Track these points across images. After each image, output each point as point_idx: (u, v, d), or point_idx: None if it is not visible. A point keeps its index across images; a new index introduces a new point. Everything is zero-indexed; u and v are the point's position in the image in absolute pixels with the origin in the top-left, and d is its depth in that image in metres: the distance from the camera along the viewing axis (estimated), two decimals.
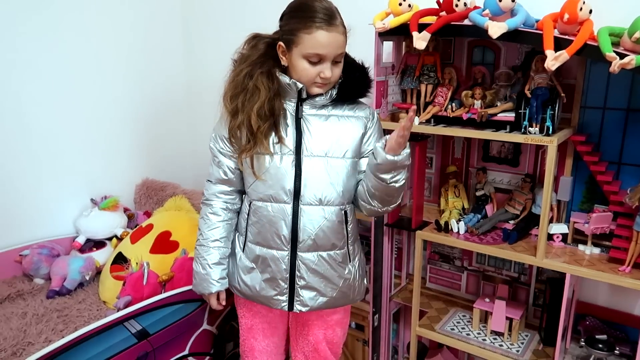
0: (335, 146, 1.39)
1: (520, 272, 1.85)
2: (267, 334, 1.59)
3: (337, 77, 1.37)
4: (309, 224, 1.39)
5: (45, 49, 2.15)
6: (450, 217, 1.76)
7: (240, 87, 1.37)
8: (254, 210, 1.44)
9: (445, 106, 1.70)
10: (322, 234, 1.40)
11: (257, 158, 1.38)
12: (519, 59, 1.70)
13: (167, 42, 2.65)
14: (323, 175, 1.38)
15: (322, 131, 1.39)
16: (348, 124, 1.42)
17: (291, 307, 1.46)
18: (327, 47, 1.29)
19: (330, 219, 1.40)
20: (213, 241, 1.50)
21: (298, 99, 1.40)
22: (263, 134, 1.36)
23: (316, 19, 1.27)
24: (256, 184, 1.42)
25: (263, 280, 1.46)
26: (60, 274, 2.04)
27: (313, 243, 1.40)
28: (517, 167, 1.78)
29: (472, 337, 1.74)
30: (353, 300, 1.53)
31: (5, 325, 1.79)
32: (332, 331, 1.59)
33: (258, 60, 1.38)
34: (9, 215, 2.14)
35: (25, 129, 2.13)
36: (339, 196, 1.40)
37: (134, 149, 2.58)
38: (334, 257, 1.44)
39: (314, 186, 1.38)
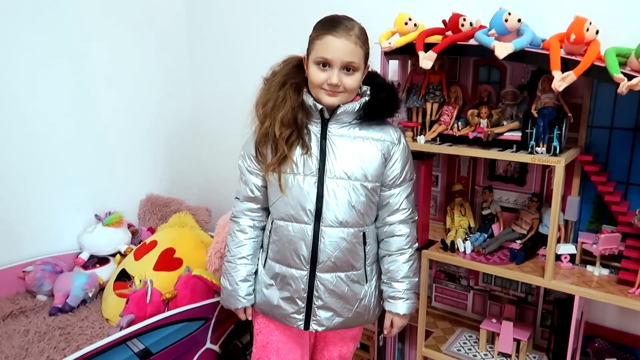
0: (358, 169, 1.38)
1: (527, 293, 1.82)
2: (282, 354, 1.56)
3: (350, 87, 1.34)
4: (329, 245, 1.39)
5: (52, 66, 2.16)
6: (456, 236, 1.75)
7: (271, 96, 1.39)
8: (275, 228, 1.45)
9: (451, 125, 1.70)
10: (341, 255, 1.40)
11: (282, 177, 1.39)
12: (525, 77, 1.70)
13: (174, 58, 2.67)
14: (344, 198, 1.38)
15: (346, 153, 1.38)
16: (372, 148, 1.39)
17: (307, 326, 1.46)
18: (333, 52, 1.30)
19: (350, 240, 1.40)
20: (240, 258, 1.51)
21: (322, 119, 1.40)
22: (285, 140, 1.36)
23: (330, 27, 1.31)
24: (278, 203, 1.43)
25: (281, 297, 1.46)
26: (63, 290, 2.03)
27: (332, 264, 1.40)
28: (524, 187, 1.77)
29: (479, 358, 1.72)
30: (367, 321, 1.53)
31: (7, 343, 1.78)
32: (346, 347, 1.63)
33: (290, 73, 1.41)
34: (13, 231, 2.13)
35: (31, 144, 2.14)
36: (359, 219, 1.40)
37: (138, 165, 2.58)
38: (352, 278, 1.44)
39: (335, 208, 1.37)
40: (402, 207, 1.44)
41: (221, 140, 2.66)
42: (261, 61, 1.44)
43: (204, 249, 2.08)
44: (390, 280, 1.46)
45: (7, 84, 2.04)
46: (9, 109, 2.05)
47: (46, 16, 2.11)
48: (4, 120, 2.04)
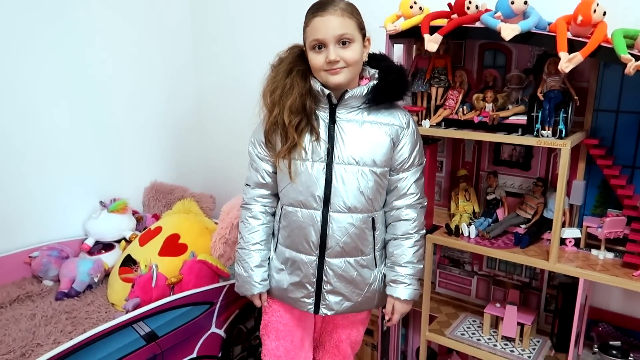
0: (367, 154, 1.38)
1: (531, 277, 1.83)
2: (280, 335, 1.58)
3: (351, 60, 1.32)
4: (337, 231, 1.40)
5: (57, 54, 2.16)
6: (460, 221, 1.75)
7: (278, 84, 1.39)
8: (285, 214, 1.46)
9: (456, 109, 1.69)
10: (350, 241, 1.41)
11: (292, 163, 1.39)
12: (530, 61, 1.69)
13: (177, 46, 2.66)
14: (353, 183, 1.38)
15: (355, 138, 1.38)
16: (381, 132, 1.38)
17: (317, 310, 1.47)
18: (322, 31, 1.30)
19: (359, 226, 1.40)
20: (254, 244, 1.52)
21: (330, 105, 1.40)
22: (294, 127, 1.36)
23: (315, 10, 1.32)
24: (287, 189, 1.43)
25: (291, 282, 1.48)
26: (69, 276, 2.04)
27: (341, 250, 1.41)
28: (529, 171, 1.77)
29: (483, 342, 1.72)
30: (377, 305, 1.54)
31: (15, 326, 1.79)
32: (355, 330, 1.64)
33: (296, 60, 1.40)
34: (19, 217, 2.14)
35: (36, 132, 2.15)
36: (368, 204, 1.40)
37: (143, 152, 2.59)
38: (361, 263, 1.44)
39: (344, 194, 1.38)
40: (410, 192, 1.43)
41: (225, 127, 2.66)
42: (266, 49, 1.43)
43: (209, 235, 2.09)
44: (393, 265, 1.46)
45: (13, 74, 2.04)
46: (15, 99, 2.06)
47: (50, 7, 2.11)
48: (10, 109, 2.05)
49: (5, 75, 2.02)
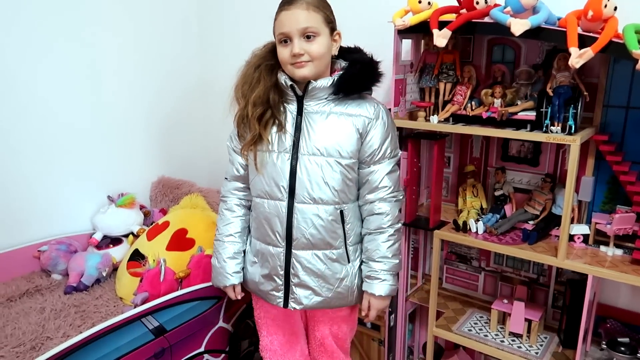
0: (332, 145, 1.38)
1: (539, 274, 1.82)
2: (271, 330, 1.61)
3: (316, 54, 1.34)
4: (302, 222, 1.40)
5: (62, 49, 2.17)
6: (468, 217, 1.75)
7: (247, 78, 1.43)
8: (254, 206, 1.50)
9: (464, 105, 1.69)
10: (316, 233, 1.40)
11: (258, 154, 1.42)
12: (539, 57, 1.68)
13: (183, 42, 2.66)
14: (318, 174, 1.38)
15: (320, 129, 1.39)
16: (347, 123, 1.38)
17: (286, 304, 1.47)
18: (287, 24, 1.32)
19: (325, 218, 1.40)
20: (227, 236, 1.55)
21: (297, 97, 1.41)
22: (257, 119, 1.40)
23: (282, 4, 1.35)
24: (255, 181, 1.46)
25: (261, 274, 1.50)
26: (78, 270, 2.06)
27: (307, 242, 1.41)
28: (537, 167, 1.76)
29: (490, 338, 1.73)
30: (350, 302, 1.50)
31: (24, 319, 1.81)
32: (337, 327, 1.60)
33: (266, 56, 1.44)
34: (28, 211, 2.16)
35: (44, 127, 2.15)
36: (334, 196, 1.39)
37: (150, 148, 2.60)
38: (330, 257, 1.43)
39: (308, 185, 1.38)
40: (382, 185, 1.40)
41: (231, 123, 2.65)
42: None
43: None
44: (368, 260, 1.45)
45: (20, 68, 2.05)
46: (22, 93, 2.06)
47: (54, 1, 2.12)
48: (18, 104, 2.06)
49: (11, 70, 2.02)
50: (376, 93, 2.10)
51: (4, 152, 2.05)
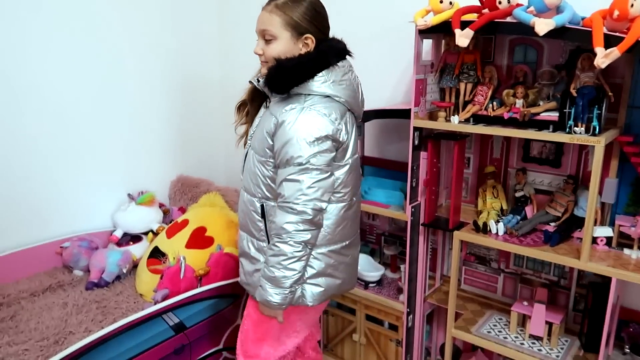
0: (256, 141, 1.46)
1: (560, 276, 1.80)
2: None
3: (269, 56, 1.40)
4: (240, 205, 1.56)
5: (85, 48, 2.20)
6: (488, 218, 1.73)
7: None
8: None
9: (485, 105, 1.68)
10: (242, 216, 1.54)
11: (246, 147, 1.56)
12: (562, 57, 1.66)
13: (203, 41, 2.69)
14: (248, 166, 1.51)
15: (257, 125, 1.50)
16: (268, 121, 1.41)
17: None
18: (256, 25, 1.42)
19: (247, 206, 1.50)
20: None
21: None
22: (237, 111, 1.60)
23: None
24: None
25: None
26: (99, 266, 2.09)
27: (240, 222, 1.57)
28: (559, 168, 1.74)
29: (510, 340, 1.71)
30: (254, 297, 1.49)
31: (47, 314, 1.84)
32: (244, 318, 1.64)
33: None
34: (51, 209, 2.20)
35: (67, 127, 2.20)
36: (253, 189, 1.48)
37: (169, 147, 2.63)
38: (255, 244, 1.51)
39: (244, 174, 1.54)
40: (279, 190, 1.36)
41: None
42: None
43: (234, 228, 2.11)
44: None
45: (43, 69, 2.09)
46: (46, 91, 2.11)
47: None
48: (41, 102, 2.10)
49: (34, 71, 2.06)
50: (396, 93, 2.13)
51: (29, 152, 2.09)
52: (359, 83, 1.51)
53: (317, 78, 1.37)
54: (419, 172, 1.80)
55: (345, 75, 1.42)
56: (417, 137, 1.76)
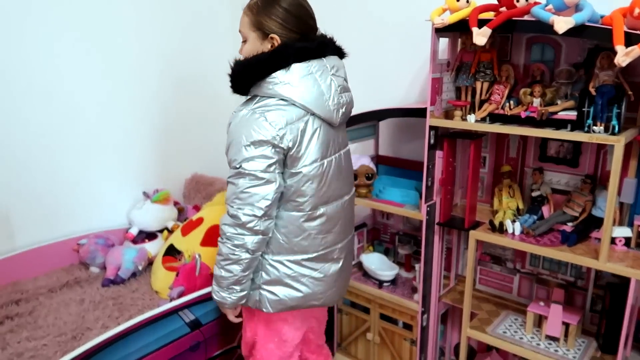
0: None
1: (577, 277, 1.79)
2: None
3: (243, 56, 1.39)
4: None
5: (98, 47, 2.23)
6: (504, 218, 1.72)
7: None
8: None
9: (502, 104, 1.67)
10: None
11: None
12: (580, 55, 1.64)
13: (217, 40, 2.70)
14: None
15: None
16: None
17: None
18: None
19: None
20: None
21: None
22: None
23: None
24: None
25: None
26: (115, 263, 2.11)
27: None
28: (577, 168, 1.73)
29: (526, 341, 1.70)
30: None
31: (65, 310, 1.87)
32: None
33: None
34: (68, 207, 2.23)
35: (83, 126, 2.23)
36: None
37: (184, 145, 2.65)
38: None
39: None
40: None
41: None
42: None
43: None
44: None
45: (60, 69, 2.12)
46: (62, 90, 2.14)
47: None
48: (58, 102, 2.13)
49: (52, 68, 2.10)
50: (413, 91, 2.12)
51: (47, 151, 2.13)
52: (337, 84, 1.39)
53: (269, 79, 1.31)
54: (434, 171, 1.80)
55: (308, 77, 1.32)
56: (433, 136, 1.76)
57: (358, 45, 1.95)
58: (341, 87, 1.42)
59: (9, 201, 2.05)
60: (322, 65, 1.37)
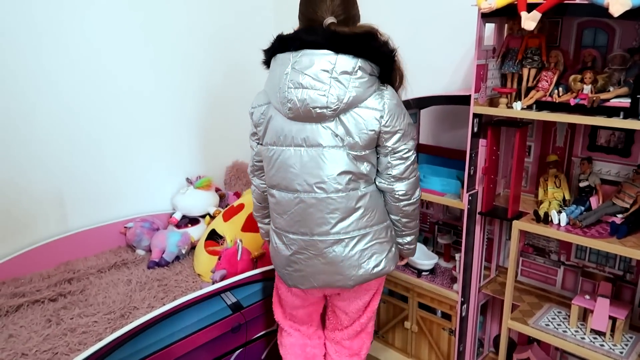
0: None
1: (625, 270, 1.73)
2: None
3: None
4: None
5: (147, 38, 2.30)
6: (550, 208, 1.68)
7: None
8: None
9: (550, 91, 1.62)
10: None
11: None
12: (636, 40, 1.57)
13: (259, 27, 2.72)
14: None
15: None
16: None
17: None
18: None
19: None
20: None
21: None
22: None
23: None
24: None
25: None
26: (160, 246, 2.18)
27: None
28: (629, 158, 1.66)
29: (570, 334, 1.66)
30: None
31: (114, 290, 1.95)
32: None
33: None
34: (116, 191, 2.32)
35: (131, 115, 2.31)
36: None
37: (225, 133, 2.69)
38: None
39: None
40: None
41: None
42: None
43: None
44: None
45: (110, 56, 2.20)
46: (112, 79, 2.21)
47: None
48: (108, 91, 2.21)
49: (102, 59, 2.17)
50: (456, 78, 2.09)
51: (98, 140, 2.22)
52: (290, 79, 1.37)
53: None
54: (477, 160, 1.77)
55: (276, 68, 1.44)
56: (477, 124, 1.73)
57: (400, 30, 1.93)
58: (296, 83, 1.36)
59: (63, 186, 2.15)
60: (287, 59, 1.41)
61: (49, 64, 2.03)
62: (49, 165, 2.09)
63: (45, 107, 2.05)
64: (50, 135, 2.08)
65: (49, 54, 2.02)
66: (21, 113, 1.99)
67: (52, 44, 2.02)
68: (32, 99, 2.01)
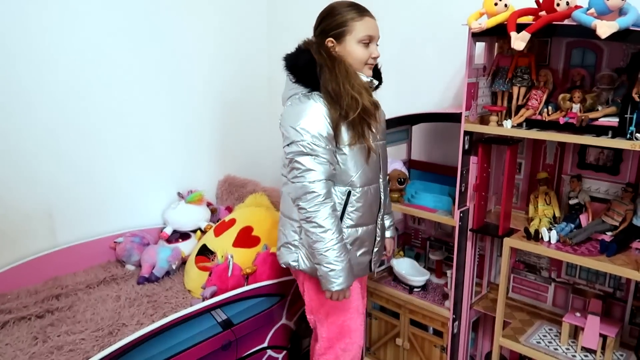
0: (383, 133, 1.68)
1: (615, 287, 1.73)
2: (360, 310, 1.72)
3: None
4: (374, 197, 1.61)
5: (135, 53, 2.29)
6: (540, 225, 1.69)
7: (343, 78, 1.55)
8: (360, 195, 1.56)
9: (539, 109, 1.63)
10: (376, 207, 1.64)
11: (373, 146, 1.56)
12: (623, 60, 1.60)
13: (251, 43, 2.74)
14: (384, 157, 1.68)
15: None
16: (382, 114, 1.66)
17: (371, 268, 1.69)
18: (373, 29, 1.52)
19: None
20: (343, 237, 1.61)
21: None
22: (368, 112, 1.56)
23: (363, 10, 1.52)
24: (363, 171, 1.54)
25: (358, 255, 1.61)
26: (150, 261, 2.16)
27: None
28: (617, 176, 1.68)
29: (561, 352, 1.66)
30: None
31: (102, 306, 1.93)
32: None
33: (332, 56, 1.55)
34: (106, 205, 2.30)
35: (122, 129, 2.30)
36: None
37: (217, 147, 2.69)
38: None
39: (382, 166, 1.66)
40: None
41: None
42: None
43: None
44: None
45: (102, 71, 2.19)
46: (103, 94, 2.21)
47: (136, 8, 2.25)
48: (99, 105, 2.21)
49: (95, 73, 2.17)
50: (448, 95, 2.11)
51: (88, 154, 2.21)
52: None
53: None
54: (468, 177, 1.78)
55: None
56: (468, 141, 1.74)
57: (392, 48, 1.95)
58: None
59: (52, 199, 2.13)
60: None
61: (38, 77, 2.02)
62: (37, 178, 2.08)
63: (34, 120, 2.04)
64: (39, 148, 2.06)
65: (38, 68, 2.01)
66: (9, 126, 1.98)
67: (41, 58, 2.02)
68: (20, 112, 2.00)
